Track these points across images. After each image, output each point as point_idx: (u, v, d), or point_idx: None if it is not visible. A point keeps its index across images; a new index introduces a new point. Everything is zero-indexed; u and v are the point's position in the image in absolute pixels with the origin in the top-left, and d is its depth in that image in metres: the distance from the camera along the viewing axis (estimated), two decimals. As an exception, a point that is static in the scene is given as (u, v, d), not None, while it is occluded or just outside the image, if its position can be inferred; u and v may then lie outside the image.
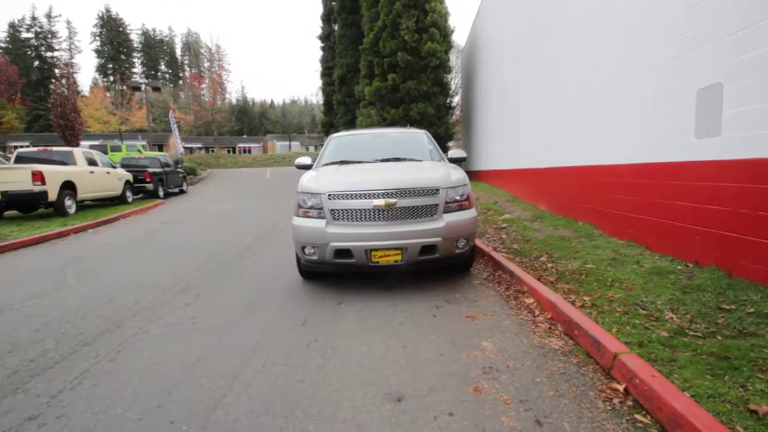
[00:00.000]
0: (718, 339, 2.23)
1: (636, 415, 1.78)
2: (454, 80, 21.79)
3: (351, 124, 19.27)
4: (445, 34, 15.30)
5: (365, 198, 3.51)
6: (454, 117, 18.48)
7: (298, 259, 4.00)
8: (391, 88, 15.23)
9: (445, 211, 3.60)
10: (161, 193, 13.77)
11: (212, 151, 46.64)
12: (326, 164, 4.70)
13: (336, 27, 22.69)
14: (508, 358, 2.35)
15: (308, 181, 3.82)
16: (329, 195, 3.57)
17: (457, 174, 3.84)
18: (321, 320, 3.09)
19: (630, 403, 1.87)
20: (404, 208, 3.50)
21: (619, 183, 4.71)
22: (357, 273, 3.97)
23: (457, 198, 3.67)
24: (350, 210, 3.53)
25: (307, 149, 58.35)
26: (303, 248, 3.67)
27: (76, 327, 3.10)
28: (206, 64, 48.77)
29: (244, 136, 62.17)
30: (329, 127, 23.58)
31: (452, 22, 15.35)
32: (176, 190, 16.08)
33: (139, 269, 4.94)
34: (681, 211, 3.66)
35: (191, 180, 21.15)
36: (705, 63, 3.33)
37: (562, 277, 3.66)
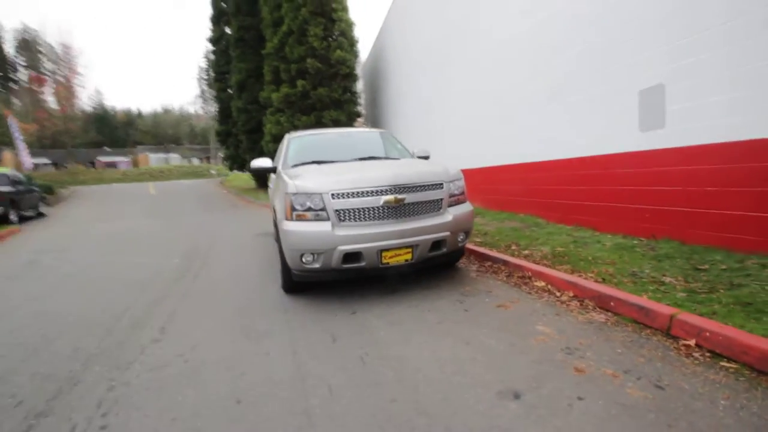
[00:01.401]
0: (724, 292, 2.63)
1: (721, 363, 1.96)
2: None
3: (256, 132, 18.02)
4: (351, 44, 15.48)
5: (373, 195, 3.24)
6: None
7: (286, 271, 3.49)
8: (301, 95, 14.74)
9: (449, 205, 3.56)
10: (14, 218, 10.80)
11: (65, 167, 38.63)
12: (297, 165, 4.25)
13: (228, 30, 21.08)
14: (574, 337, 2.39)
15: (300, 180, 3.37)
16: (333, 194, 3.20)
17: (454, 168, 3.84)
18: (350, 333, 2.73)
19: (708, 354, 2.06)
20: (413, 203, 3.35)
21: (563, 176, 5.31)
22: (350, 279, 3.63)
23: (457, 192, 3.67)
24: (357, 209, 3.22)
25: (190, 161, 52.72)
26: (301, 256, 3.21)
27: (8, 395, 2.15)
28: (51, 66, 40.18)
29: (107, 149, 53.15)
30: (226, 136, 21.61)
31: (355, 33, 15.57)
32: (32, 213, 12.83)
33: (45, 308, 3.72)
34: (629, 194, 4.29)
35: (50, 200, 17.20)
36: (646, 67, 3.98)
37: (545, 259, 3.93)
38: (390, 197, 3.24)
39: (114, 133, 58.91)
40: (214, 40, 21.13)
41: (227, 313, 3.31)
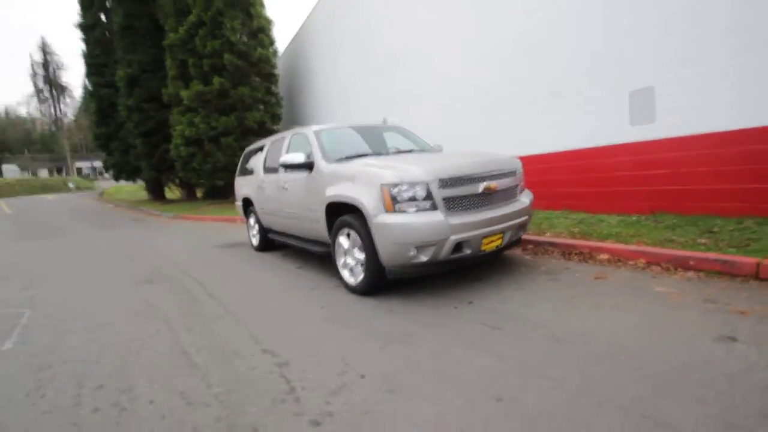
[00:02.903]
0: (755, 244, 3.34)
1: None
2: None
3: (154, 134, 15.59)
4: (271, 42, 14.63)
5: (475, 182, 3.22)
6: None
7: (375, 270, 3.20)
8: (218, 94, 13.32)
9: (519, 192, 3.73)
10: None
11: None
12: (342, 159, 3.92)
13: (103, 16, 17.78)
14: (696, 291, 2.77)
15: (397, 170, 3.11)
16: (441, 181, 3.06)
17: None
18: (503, 321, 2.65)
19: (806, 288, 2.62)
20: (502, 190, 3.42)
21: (553, 167, 5.96)
22: (427, 274, 3.47)
23: (522, 179, 3.85)
24: (461, 197, 3.16)
25: (35, 174, 42.71)
26: (408, 251, 2.98)
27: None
28: None
29: None
30: (107, 139, 18.05)
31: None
32: None
33: None
34: (623, 179, 5.07)
35: None
36: (637, 73, 4.78)
37: (573, 237, 4.38)
38: (490, 183, 3.25)
39: None
40: (86, 27, 17.58)
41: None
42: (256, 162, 5.89)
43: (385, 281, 3.28)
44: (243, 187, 6.36)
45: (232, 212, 11.95)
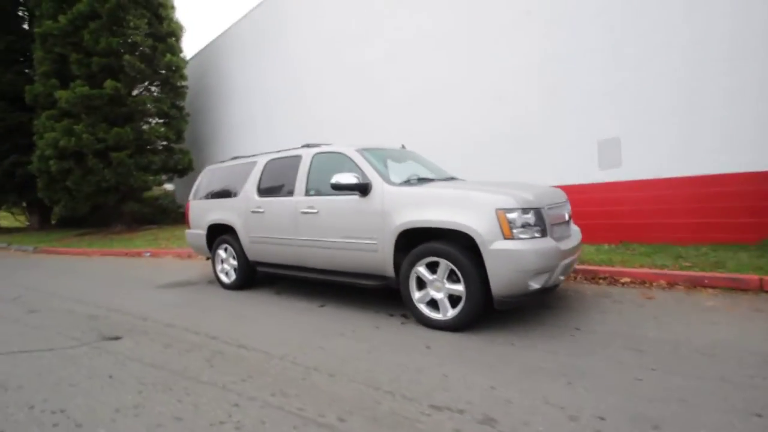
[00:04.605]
0: (731, 265, 4.25)
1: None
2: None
3: (2, 141, 11.85)
4: (180, 51, 12.96)
5: (560, 209, 3.35)
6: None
7: (479, 300, 2.98)
8: (110, 99, 11.02)
9: (566, 221, 4.02)
10: None
11: None
12: (403, 183, 3.64)
13: None
14: (736, 304, 3.35)
15: (509, 195, 3.00)
16: (550, 207, 3.09)
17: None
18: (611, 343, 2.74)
19: (803, 297, 3.43)
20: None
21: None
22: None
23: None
24: (557, 225, 3.23)
25: None
26: (528, 279, 2.88)
27: None
28: None
29: None
30: None
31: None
32: None
33: None
34: (590, 214, 5.92)
35: None
36: (605, 125, 5.76)
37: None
38: (567, 212, 3.42)
39: None
40: None
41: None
42: (238, 183, 5.00)
43: (484, 313, 3.08)
44: (211, 212, 5.28)
45: (124, 244, 9.84)
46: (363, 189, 3.61)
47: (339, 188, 3.58)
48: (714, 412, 1.87)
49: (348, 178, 3.57)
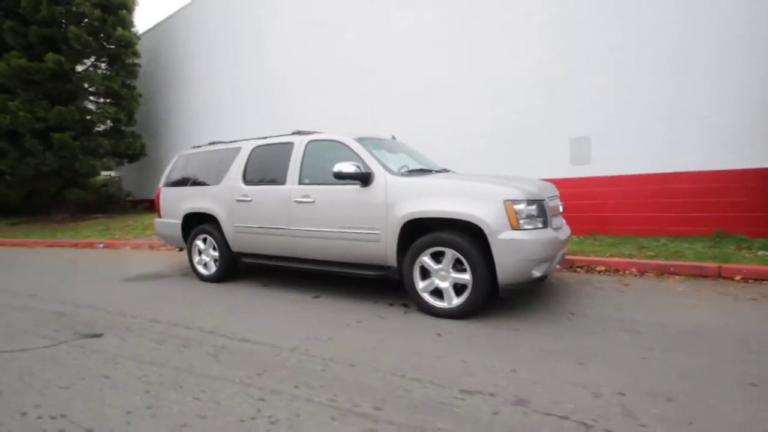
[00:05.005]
0: (688, 255, 4.72)
1: (764, 283, 3.81)
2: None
3: None
4: (132, 25, 11.92)
5: (555, 201, 3.52)
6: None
7: (485, 289, 3.08)
8: (52, 74, 9.94)
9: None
10: None
11: None
12: (405, 174, 3.65)
13: None
14: (703, 288, 3.73)
15: (514, 187, 3.10)
16: (550, 199, 3.23)
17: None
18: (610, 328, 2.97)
19: (751, 280, 3.88)
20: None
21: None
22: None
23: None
24: (554, 216, 3.40)
25: None
26: (533, 267, 3.02)
27: None
28: None
29: None
30: None
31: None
32: None
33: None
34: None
35: None
36: (576, 124, 6.10)
37: None
38: (561, 204, 3.61)
39: None
40: None
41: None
42: (219, 169, 4.74)
43: (488, 301, 3.18)
44: (187, 200, 4.96)
45: (70, 234, 9.07)
46: (365, 179, 3.57)
47: (342, 177, 3.51)
48: (715, 384, 2.09)
49: (350, 167, 3.51)
